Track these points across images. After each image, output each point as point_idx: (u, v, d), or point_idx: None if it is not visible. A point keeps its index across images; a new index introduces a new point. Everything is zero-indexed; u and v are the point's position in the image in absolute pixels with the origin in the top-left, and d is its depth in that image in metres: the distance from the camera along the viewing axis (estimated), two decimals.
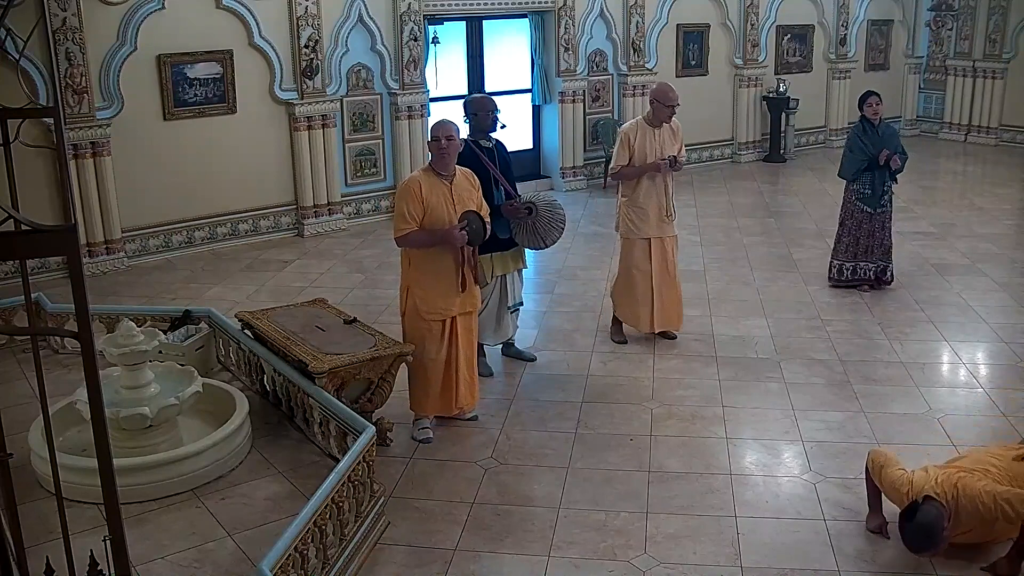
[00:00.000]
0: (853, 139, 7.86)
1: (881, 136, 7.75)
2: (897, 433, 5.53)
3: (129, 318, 5.76)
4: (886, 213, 7.91)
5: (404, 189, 5.38)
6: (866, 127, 7.77)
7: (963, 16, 14.99)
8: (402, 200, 5.31)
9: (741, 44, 13.65)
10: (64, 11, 8.44)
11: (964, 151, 14.73)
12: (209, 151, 9.57)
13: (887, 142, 7.74)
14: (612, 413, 5.84)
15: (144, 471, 4.88)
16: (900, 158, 7.72)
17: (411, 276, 5.44)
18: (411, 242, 5.32)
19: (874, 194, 7.81)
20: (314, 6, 9.85)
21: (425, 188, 5.29)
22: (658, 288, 6.81)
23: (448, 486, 5.04)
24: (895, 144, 7.79)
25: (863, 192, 7.84)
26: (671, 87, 6.73)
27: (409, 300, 5.46)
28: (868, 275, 8.00)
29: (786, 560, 4.33)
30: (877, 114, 7.73)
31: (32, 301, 3.33)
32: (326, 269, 9.08)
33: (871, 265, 7.98)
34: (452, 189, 5.37)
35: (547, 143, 12.47)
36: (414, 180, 5.38)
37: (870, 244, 7.93)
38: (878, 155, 7.64)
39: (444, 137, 5.30)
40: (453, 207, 5.33)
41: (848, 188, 7.97)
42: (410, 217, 5.25)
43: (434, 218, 5.28)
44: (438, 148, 5.32)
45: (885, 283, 8.07)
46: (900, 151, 7.78)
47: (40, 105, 7.80)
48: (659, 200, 6.72)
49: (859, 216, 7.89)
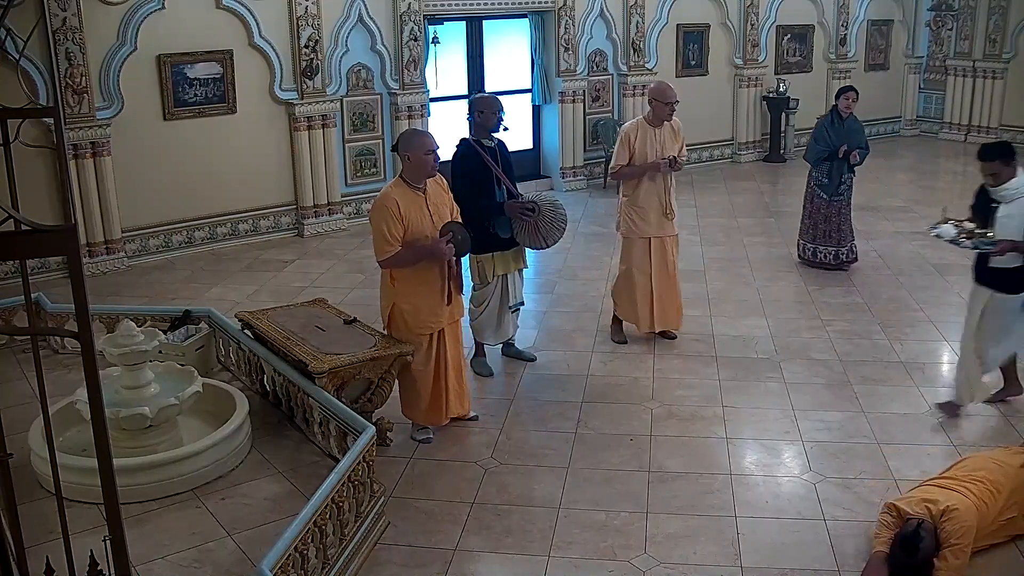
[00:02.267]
0: (820, 129, 8.43)
1: (847, 130, 8.23)
2: (897, 433, 5.53)
3: (129, 318, 5.76)
4: (842, 201, 8.40)
5: (380, 209, 5.13)
6: (834, 119, 8.28)
7: (963, 16, 14.99)
8: (381, 221, 5.11)
9: (741, 44, 13.65)
10: (64, 11, 8.44)
11: (964, 151, 14.70)
12: (209, 151, 9.57)
13: (852, 136, 8.23)
14: (612, 413, 5.84)
15: (144, 471, 4.89)
16: (861, 153, 8.24)
17: (396, 293, 5.31)
18: (397, 262, 5.18)
19: (831, 183, 8.35)
20: (314, 6, 9.86)
21: (402, 204, 5.13)
22: (658, 287, 6.81)
23: (448, 486, 5.04)
24: (860, 139, 8.30)
25: (821, 180, 8.41)
26: (669, 85, 6.72)
27: (395, 316, 5.36)
28: (828, 258, 8.51)
29: (786, 560, 4.33)
30: (849, 109, 8.21)
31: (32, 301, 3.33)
32: (326, 269, 9.08)
33: (830, 249, 8.48)
34: (427, 199, 5.26)
35: (547, 143, 12.47)
36: (388, 198, 5.15)
37: (827, 229, 8.45)
38: (839, 148, 8.12)
39: (435, 151, 5.19)
40: (431, 218, 5.23)
41: (809, 174, 8.58)
42: (392, 238, 5.10)
43: (414, 232, 5.15)
44: (433, 161, 5.17)
45: (849, 263, 8.54)
46: (863, 146, 8.27)
47: (40, 105, 7.80)
48: (660, 200, 6.72)
49: (817, 202, 8.47)
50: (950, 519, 4.10)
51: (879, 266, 8.76)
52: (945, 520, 4.11)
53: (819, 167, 8.40)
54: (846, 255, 8.52)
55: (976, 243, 5.40)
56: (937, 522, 4.12)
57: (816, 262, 8.56)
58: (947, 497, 4.23)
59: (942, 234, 5.59)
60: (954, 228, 5.53)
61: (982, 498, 4.26)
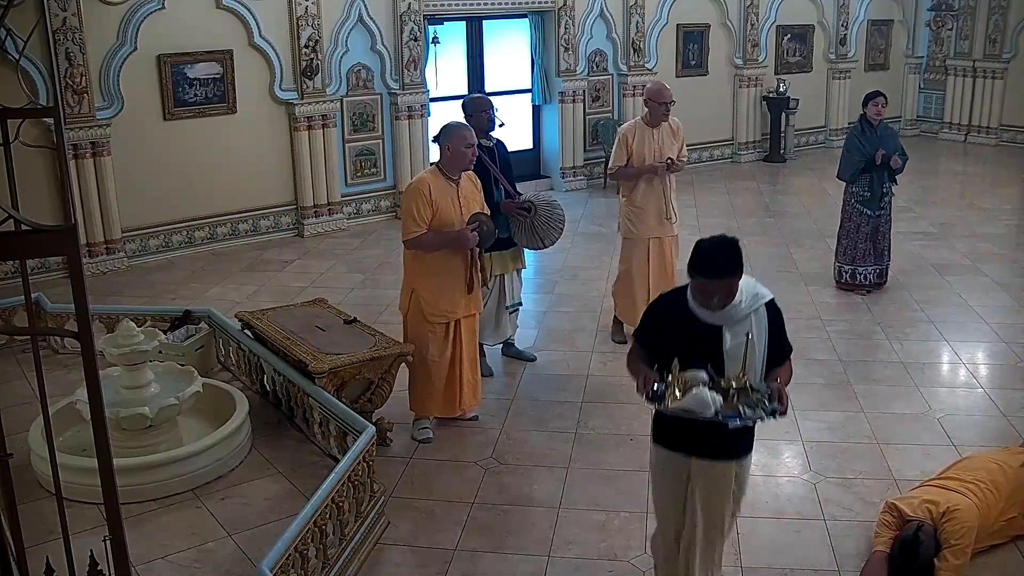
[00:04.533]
0: (851, 140, 7.76)
1: (879, 137, 7.64)
2: (897, 433, 5.53)
3: (129, 318, 5.76)
4: (885, 215, 7.83)
5: (414, 190, 5.26)
6: (865, 127, 7.67)
7: (963, 16, 14.98)
8: (412, 201, 5.22)
9: (741, 44, 13.65)
10: (64, 11, 8.44)
11: (964, 151, 14.72)
12: (209, 151, 9.57)
13: (885, 143, 7.63)
14: (612, 413, 5.84)
15: (144, 471, 4.89)
16: (899, 158, 7.61)
17: (416, 277, 5.37)
18: (421, 244, 5.25)
19: (873, 196, 7.71)
20: (314, 6, 9.85)
21: (434, 190, 5.23)
22: (654, 288, 6.77)
23: (448, 486, 5.04)
24: (894, 145, 7.67)
25: (862, 195, 7.75)
26: (664, 85, 6.72)
27: (413, 301, 5.41)
28: (871, 278, 7.94)
29: (786, 560, 4.33)
30: (880, 115, 7.61)
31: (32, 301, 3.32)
32: (326, 269, 9.08)
33: (871, 268, 7.92)
34: (459, 191, 5.34)
35: (547, 143, 12.47)
36: (423, 182, 5.29)
37: (869, 248, 7.85)
38: (875, 155, 7.52)
39: (475, 146, 5.30)
40: (460, 209, 5.30)
41: (847, 190, 7.88)
42: (420, 219, 5.18)
43: (442, 220, 5.24)
44: (471, 155, 5.27)
45: (881, 284, 8.04)
46: (900, 152, 7.66)
47: (40, 105, 7.80)
48: (657, 201, 6.70)
49: (858, 219, 7.81)
50: (951, 520, 4.10)
51: None
52: (946, 521, 4.11)
53: (858, 181, 7.69)
54: (886, 272, 7.97)
55: (761, 411, 3.34)
56: (938, 523, 4.12)
57: (855, 284, 7.92)
58: (948, 498, 4.23)
59: (693, 408, 3.31)
60: (709, 392, 3.31)
61: (983, 498, 4.26)
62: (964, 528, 4.08)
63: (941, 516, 4.13)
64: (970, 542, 4.09)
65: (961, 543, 4.06)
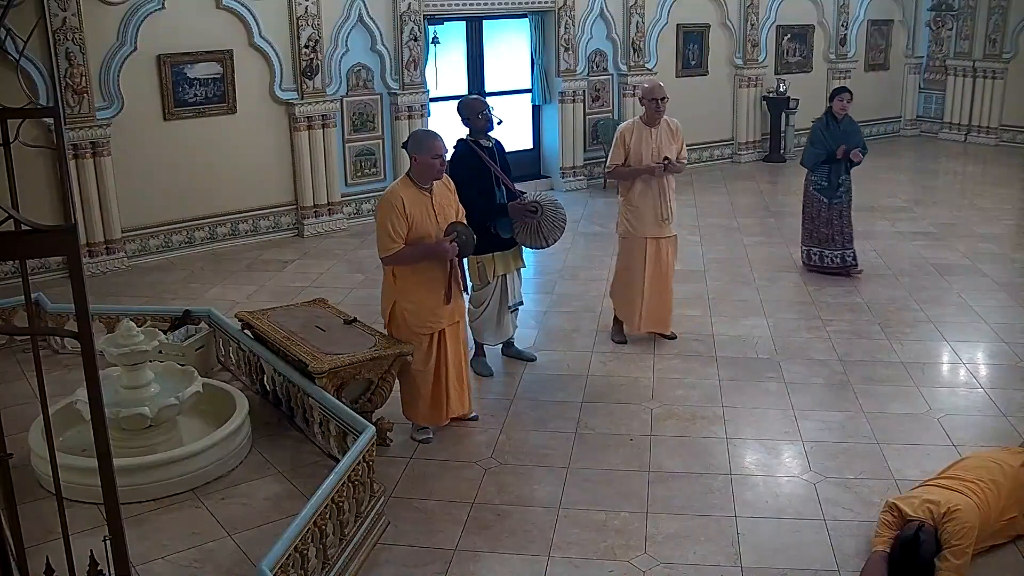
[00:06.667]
0: (815, 132, 8.29)
1: (843, 131, 8.12)
2: (897, 433, 5.53)
3: (129, 318, 5.76)
4: (842, 203, 8.27)
5: (386, 205, 5.15)
6: (829, 121, 8.18)
7: (963, 16, 14.99)
8: (385, 217, 5.12)
9: (741, 44, 13.65)
10: (64, 11, 8.44)
11: (964, 151, 14.72)
12: (209, 151, 9.57)
13: (849, 137, 8.11)
14: (612, 413, 5.84)
15: (144, 471, 4.88)
16: (860, 152, 8.10)
17: (397, 291, 5.31)
18: (399, 260, 5.19)
19: (830, 186, 8.22)
20: (314, 6, 9.85)
21: (408, 202, 5.14)
22: (649, 288, 6.78)
23: (448, 486, 5.04)
24: (857, 140, 8.17)
25: (820, 184, 8.28)
26: (658, 83, 6.72)
27: (396, 315, 5.36)
28: (836, 262, 8.34)
29: (786, 560, 4.33)
30: (844, 111, 8.11)
31: (32, 301, 3.32)
32: (326, 269, 9.08)
33: (835, 253, 8.33)
34: (432, 199, 5.26)
35: (547, 143, 12.47)
36: (395, 195, 5.17)
37: (829, 233, 8.31)
38: (836, 150, 8.02)
39: (443, 156, 5.23)
40: (436, 218, 5.24)
41: (807, 178, 8.40)
42: (396, 235, 5.10)
43: (418, 232, 5.17)
44: (439, 166, 5.20)
45: (852, 268, 8.36)
46: (862, 147, 8.15)
47: (40, 105, 7.80)
48: (655, 201, 6.68)
49: (816, 205, 8.32)
50: (952, 520, 4.10)
51: (879, 266, 8.75)
52: (947, 521, 4.11)
53: (817, 171, 8.24)
54: (852, 257, 8.33)
55: None
56: (939, 523, 4.12)
57: (823, 267, 8.35)
58: (948, 498, 4.23)
59: None
60: None
61: (983, 498, 4.26)
62: (965, 528, 4.08)
63: (942, 516, 4.13)
64: (971, 542, 4.09)
65: (962, 543, 4.05)
